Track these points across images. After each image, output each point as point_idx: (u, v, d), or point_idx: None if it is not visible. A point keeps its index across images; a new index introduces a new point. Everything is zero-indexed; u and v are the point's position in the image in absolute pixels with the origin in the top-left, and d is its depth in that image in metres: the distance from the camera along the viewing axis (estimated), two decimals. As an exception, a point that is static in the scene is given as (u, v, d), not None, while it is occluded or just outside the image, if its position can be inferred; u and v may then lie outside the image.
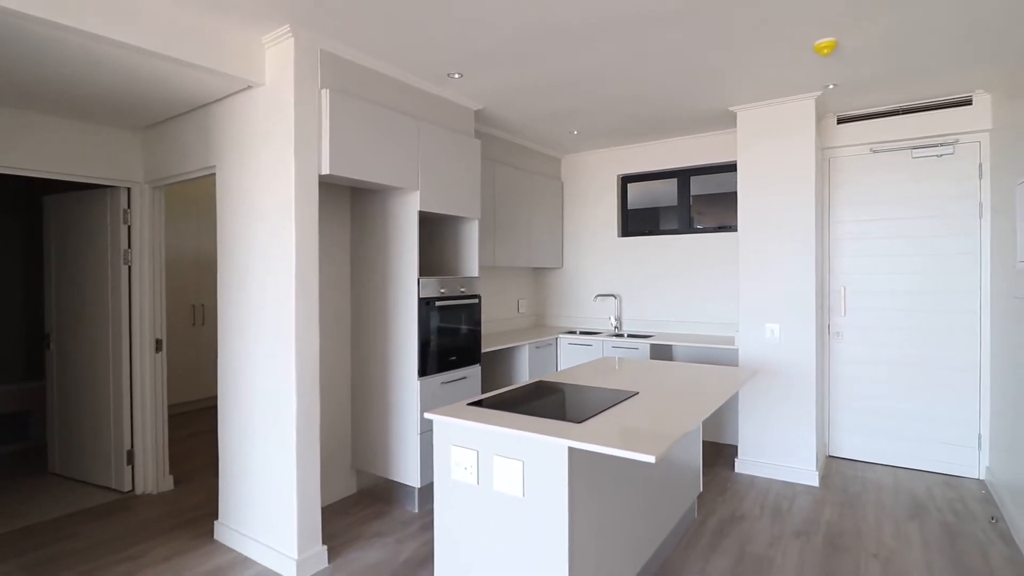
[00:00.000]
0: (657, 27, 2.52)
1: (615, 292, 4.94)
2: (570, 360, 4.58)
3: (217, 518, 3.00)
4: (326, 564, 2.59)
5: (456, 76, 3.08)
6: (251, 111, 2.66)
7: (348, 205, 3.43)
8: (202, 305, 5.60)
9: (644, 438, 1.71)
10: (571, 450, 1.74)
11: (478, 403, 2.16)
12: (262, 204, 2.61)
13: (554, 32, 2.56)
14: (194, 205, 5.51)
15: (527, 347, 4.27)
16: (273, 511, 2.57)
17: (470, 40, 2.63)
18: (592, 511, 1.88)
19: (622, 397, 2.25)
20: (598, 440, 1.68)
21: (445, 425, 2.01)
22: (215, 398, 5.71)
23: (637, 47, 2.74)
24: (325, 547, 2.60)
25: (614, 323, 4.84)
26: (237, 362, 2.76)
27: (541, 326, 5.20)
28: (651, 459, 1.54)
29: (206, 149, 2.92)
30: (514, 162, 4.58)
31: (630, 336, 4.42)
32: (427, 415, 2.05)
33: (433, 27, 2.49)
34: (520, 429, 1.81)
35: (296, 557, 2.47)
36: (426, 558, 2.63)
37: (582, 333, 4.64)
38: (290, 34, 2.46)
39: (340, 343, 3.38)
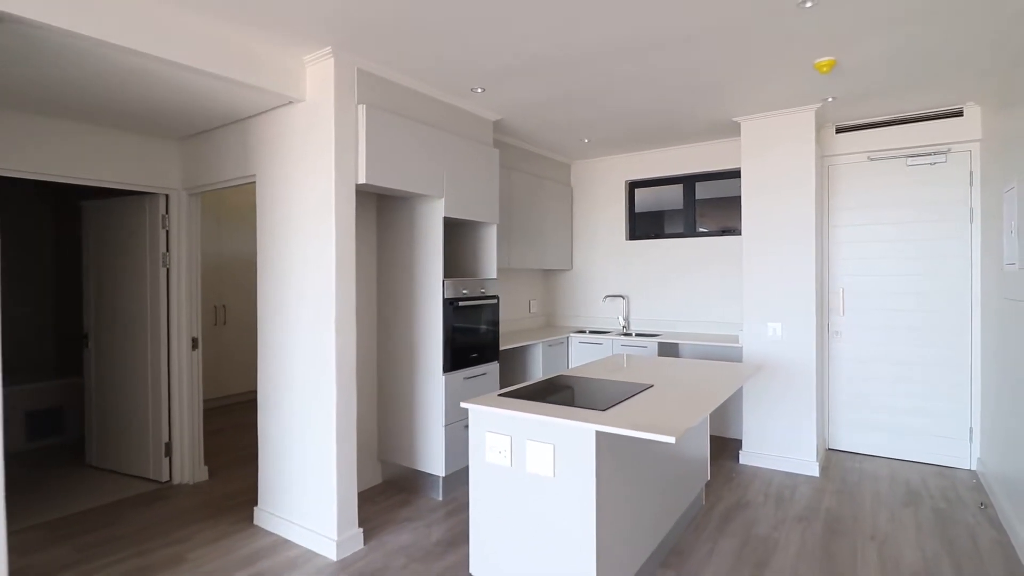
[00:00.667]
0: (668, 51, 2.72)
1: (623, 293, 5.14)
2: (581, 358, 4.78)
3: (256, 504, 3.19)
4: (362, 545, 2.79)
5: (479, 90, 3.29)
6: (292, 124, 2.86)
7: (375, 211, 3.63)
8: (223, 306, 5.80)
9: (663, 423, 1.91)
10: (598, 434, 1.94)
11: (508, 394, 2.36)
12: (302, 210, 2.81)
13: (572, 55, 2.76)
14: (214, 211, 5.71)
15: (540, 345, 4.47)
16: (313, 496, 2.77)
17: (494, 60, 2.83)
18: (614, 491, 2.08)
19: (638, 389, 2.45)
20: (623, 424, 1.88)
21: (480, 413, 2.21)
22: (236, 395, 5.91)
23: (649, 68, 2.94)
24: (361, 529, 2.80)
25: (622, 323, 5.04)
26: (276, 358, 2.96)
27: (552, 326, 5.40)
28: (671, 440, 1.74)
29: (246, 159, 3.13)
30: (527, 168, 4.78)
31: (638, 335, 4.62)
32: (463, 404, 2.25)
33: (461, 49, 2.70)
34: (550, 416, 2.01)
35: (336, 538, 2.66)
36: (455, 540, 2.83)
37: (591, 332, 4.84)
38: (331, 55, 2.66)
39: (366, 340, 3.58)
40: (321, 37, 2.55)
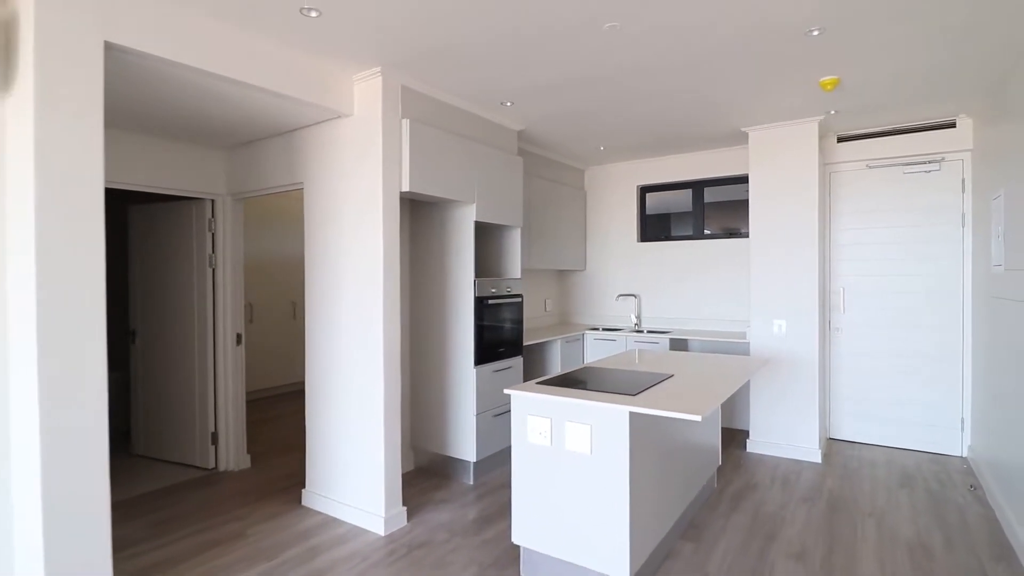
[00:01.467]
0: (683, 72, 2.99)
1: (635, 292, 5.40)
2: (596, 354, 5.05)
3: (304, 487, 3.45)
4: (406, 522, 3.06)
5: (508, 104, 3.55)
6: (340, 136, 3.12)
7: (407, 215, 3.89)
8: (250, 304, 6.05)
9: (688, 404, 2.17)
10: (631, 415, 2.21)
11: (544, 382, 2.63)
12: (350, 215, 3.07)
13: (597, 75, 3.02)
14: (248, 215, 5.95)
15: (559, 341, 4.73)
16: (361, 477, 3.03)
17: (525, 80, 3.10)
18: (642, 468, 2.35)
19: (661, 378, 2.72)
20: (653, 406, 2.14)
21: (522, 399, 2.47)
22: (266, 390, 6.17)
23: (666, 85, 3.21)
24: (405, 508, 3.06)
25: (635, 320, 5.30)
26: (324, 351, 3.22)
27: (567, 323, 5.67)
28: (698, 418, 2.01)
29: (293, 167, 3.39)
30: (544, 174, 5.04)
31: (650, 332, 4.89)
32: (507, 391, 2.51)
33: (497, 71, 2.96)
34: (588, 400, 2.27)
35: (384, 515, 2.93)
36: (491, 517, 3.10)
37: (605, 330, 5.11)
38: (379, 74, 2.92)
39: (400, 335, 3.84)
40: (372, 59, 2.81)
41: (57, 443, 1.92)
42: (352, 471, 3.09)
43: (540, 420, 2.41)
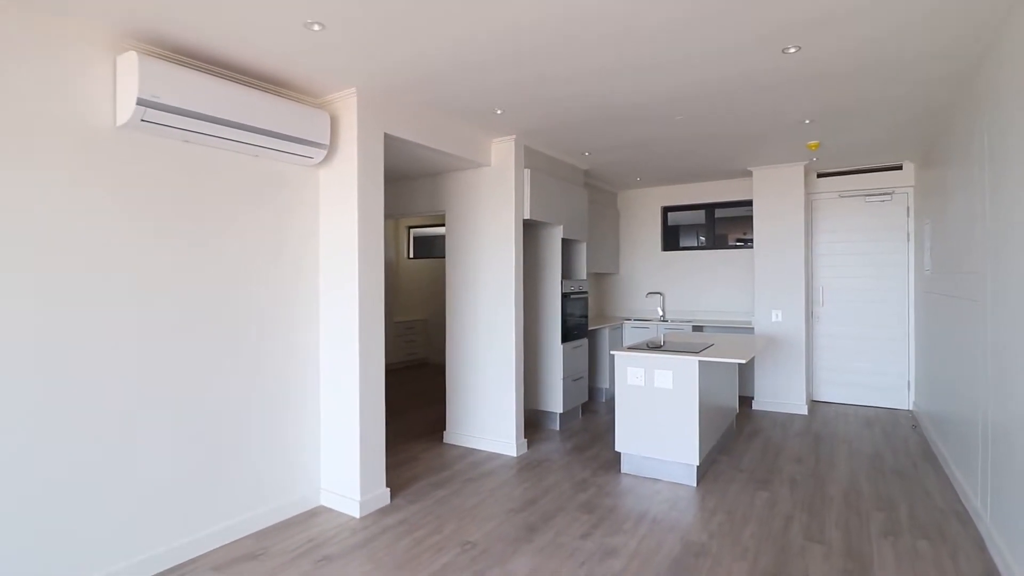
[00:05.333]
0: (708, 140, 4.37)
1: (660, 290, 6.79)
2: (634, 337, 6.41)
3: (444, 430, 4.74)
4: (527, 449, 4.38)
5: (586, 154, 4.91)
6: (477, 180, 4.44)
7: (504, 232, 5.22)
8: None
9: (735, 355, 3.54)
10: (699, 363, 3.57)
11: (630, 348, 3.97)
12: (488, 235, 4.38)
13: (649, 138, 4.40)
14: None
15: (607, 329, 6.10)
16: (497, 419, 4.34)
17: (603, 141, 4.45)
18: (703, 400, 3.71)
19: (707, 345, 4.09)
20: (712, 356, 3.51)
21: (624, 357, 3.82)
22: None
23: (694, 146, 4.59)
24: (525, 440, 4.39)
25: (660, 312, 6.67)
26: (463, 331, 4.52)
27: (604, 316, 7.03)
28: (743, 361, 3.38)
29: (437, 199, 4.69)
30: (590, 198, 6.41)
31: (673, 321, 6.28)
32: (612, 352, 3.86)
33: (587, 136, 4.31)
34: (669, 355, 3.63)
35: (515, 443, 4.24)
36: (583, 446, 4.44)
37: (638, 320, 6.48)
38: (512, 139, 4.25)
39: (501, 323, 5.15)
40: (510, 132, 4.14)
41: (366, 381, 3.21)
42: (490, 417, 4.39)
43: (637, 369, 3.77)
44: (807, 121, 3.96)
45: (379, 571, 2.58)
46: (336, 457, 3.30)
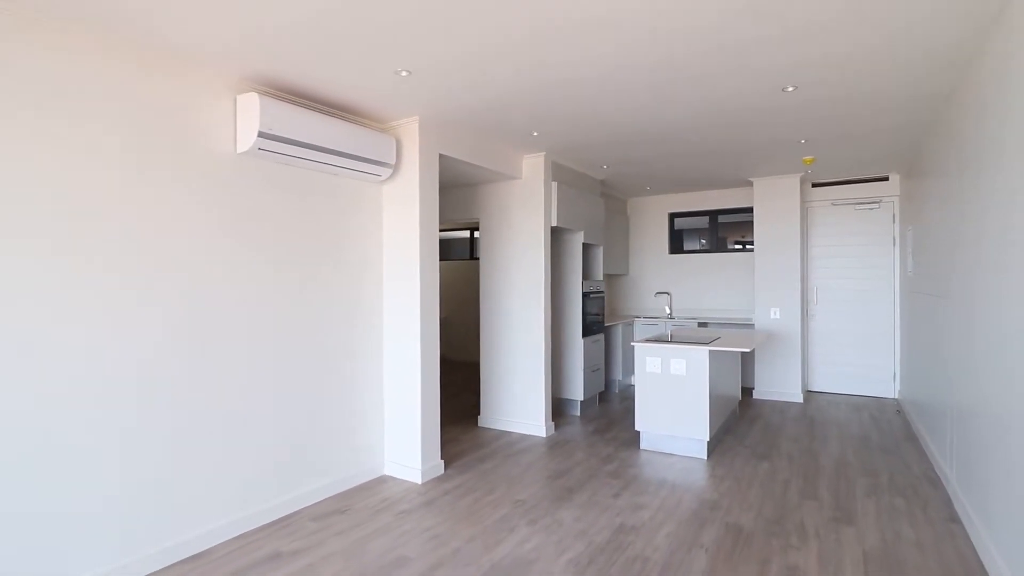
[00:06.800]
0: (713, 155, 4.91)
1: (668, 290, 7.34)
2: (645, 333, 6.95)
3: (479, 415, 5.28)
4: (554, 431, 4.92)
5: (604, 167, 5.46)
6: (509, 191, 4.97)
7: (529, 237, 5.76)
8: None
9: (739, 345, 4.09)
10: (709, 352, 4.12)
11: (647, 340, 4.51)
12: (519, 240, 4.91)
13: (659, 153, 4.94)
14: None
15: (620, 325, 6.64)
16: (527, 404, 4.87)
17: (620, 154, 5.00)
18: (712, 385, 4.25)
19: (715, 338, 4.63)
20: (721, 345, 4.05)
21: (643, 347, 4.36)
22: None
23: (701, 162, 5.14)
24: (553, 423, 4.92)
25: (667, 310, 7.22)
26: (496, 325, 5.05)
27: (616, 314, 7.57)
28: (749, 349, 3.93)
29: (472, 207, 5.23)
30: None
31: (679, 318, 6.82)
32: (633, 343, 4.40)
33: (608, 152, 4.86)
34: (683, 345, 4.18)
35: (544, 425, 4.78)
36: (603, 429, 4.98)
37: (647, 317, 7.03)
38: (542, 155, 4.79)
39: (526, 319, 5.69)
40: (540, 150, 4.68)
41: (426, 363, 3.75)
42: (520, 401, 4.93)
43: (655, 358, 4.31)
44: (803, 141, 4.51)
45: (450, 520, 3.12)
46: (399, 433, 3.83)
